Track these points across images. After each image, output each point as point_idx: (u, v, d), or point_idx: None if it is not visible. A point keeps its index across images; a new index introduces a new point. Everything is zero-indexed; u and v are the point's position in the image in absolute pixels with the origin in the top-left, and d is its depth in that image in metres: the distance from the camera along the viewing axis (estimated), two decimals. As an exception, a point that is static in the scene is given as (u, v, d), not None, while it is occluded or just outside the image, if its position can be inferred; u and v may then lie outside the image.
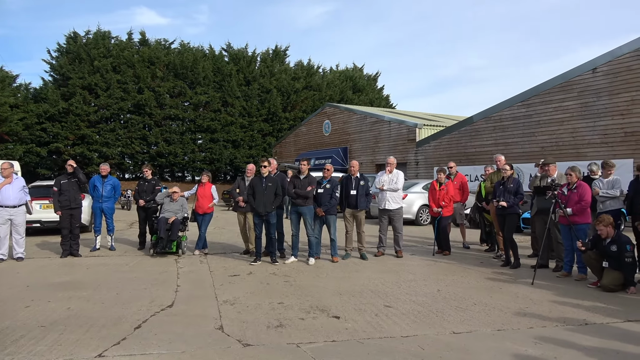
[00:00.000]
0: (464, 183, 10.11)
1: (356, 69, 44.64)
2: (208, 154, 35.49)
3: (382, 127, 24.26)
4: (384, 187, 8.83)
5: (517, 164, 15.33)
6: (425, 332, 4.51)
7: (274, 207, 8.01)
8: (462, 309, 5.34)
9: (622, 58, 14.35)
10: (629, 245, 6.19)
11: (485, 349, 4.06)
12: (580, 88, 15.40)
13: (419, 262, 8.46)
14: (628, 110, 14.17)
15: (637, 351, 4.02)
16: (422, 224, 14.73)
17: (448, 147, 20.33)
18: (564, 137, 15.88)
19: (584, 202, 6.93)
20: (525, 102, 17.16)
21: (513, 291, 6.20)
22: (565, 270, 7.21)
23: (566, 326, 4.72)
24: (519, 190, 7.77)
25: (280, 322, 4.78)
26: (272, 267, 7.77)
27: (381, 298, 5.80)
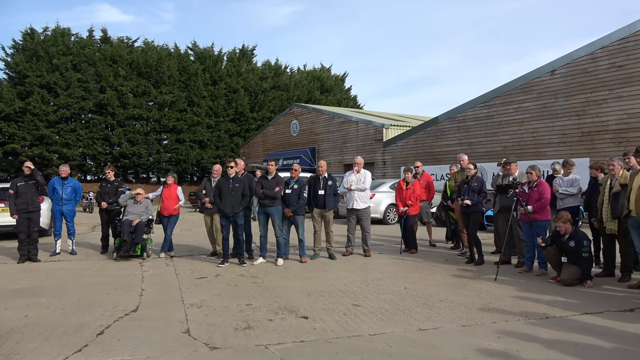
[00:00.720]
0: (430, 182, 10.29)
1: (324, 69, 44.81)
2: (174, 154, 34.85)
3: (350, 127, 24.43)
4: (352, 186, 8.88)
5: (481, 163, 15.73)
6: (393, 330, 4.56)
7: (241, 208, 7.94)
8: (429, 306, 5.43)
9: (578, 61, 14.94)
10: (586, 240, 6.44)
11: (451, 345, 4.14)
12: (540, 89, 15.94)
13: (387, 260, 8.55)
14: (584, 111, 14.76)
15: (594, 342, 4.19)
16: (390, 223, 14.90)
17: (414, 147, 20.66)
18: (524, 137, 16.39)
19: (544, 200, 7.17)
20: (487, 103, 17.62)
21: (477, 287, 6.35)
22: (527, 266, 7.44)
23: (528, 320, 4.87)
24: (482, 189, 7.97)
25: (248, 324, 4.74)
26: (240, 269, 7.69)
27: (349, 297, 5.83)
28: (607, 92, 14.19)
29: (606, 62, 14.24)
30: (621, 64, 13.88)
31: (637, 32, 13.54)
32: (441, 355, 3.91)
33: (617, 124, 13.98)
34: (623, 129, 13.84)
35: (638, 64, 13.51)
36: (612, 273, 6.95)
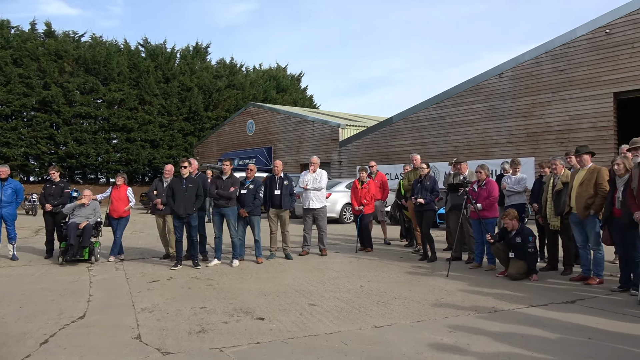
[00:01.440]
0: (384, 181, 10.45)
1: (280, 68, 44.65)
2: (124, 154, 33.67)
3: (306, 127, 24.46)
4: (308, 186, 8.89)
5: (433, 163, 16.16)
6: (349, 328, 4.60)
7: (195, 209, 7.77)
8: (384, 303, 5.52)
9: (524, 64, 15.62)
10: (531, 236, 6.74)
11: (405, 341, 4.22)
12: (488, 92, 16.55)
13: (343, 259, 8.62)
14: (529, 112, 15.45)
15: (539, 334, 4.39)
16: (346, 222, 15.04)
17: (370, 147, 20.94)
18: (474, 137, 16.97)
19: (492, 198, 7.45)
20: (440, 104, 18.12)
21: (430, 283, 6.51)
22: (477, 262, 7.70)
23: (477, 314, 5.04)
24: (435, 188, 8.18)
25: (202, 327, 4.64)
26: (194, 271, 7.53)
27: (306, 297, 5.83)
28: (551, 95, 14.92)
29: (549, 67, 14.97)
30: (563, 68, 14.63)
31: (577, 38, 14.32)
32: (395, 351, 3.98)
33: (560, 125, 14.73)
34: (565, 130, 14.60)
35: (578, 68, 14.29)
36: (555, 267, 7.31)
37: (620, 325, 4.58)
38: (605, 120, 13.80)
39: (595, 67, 13.93)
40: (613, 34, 13.56)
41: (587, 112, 14.14)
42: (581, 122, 14.26)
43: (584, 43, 14.18)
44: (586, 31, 14.13)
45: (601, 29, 13.79)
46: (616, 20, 13.52)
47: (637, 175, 5.39)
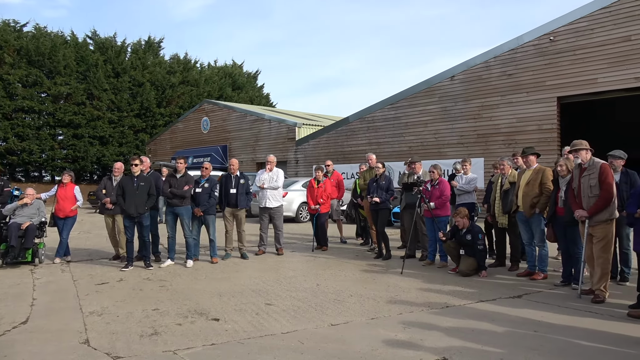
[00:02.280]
0: (340, 180, 10.53)
1: (236, 65, 44.05)
2: (70, 151, 32.18)
3: (263, 125, 24.28)
4: (265, 185, 8.83)
5: (388, 162, 16.45)
6: (305, 327, 4.60)
7: (147, 208, 7.54)
8: (340, 301, 5.56)
9: (474, 68, 16.17)
10: (481, 234, 6.99)
11: (360, 338, 4.27)
12: (441, 93, 17.02)
13: (299, 258, 8.62)
14: (479, 114, 16.03)
15: (488, 328, 4.55)
16: (302, 221, 15.05)
17: (326, 146, 21.05)
18: (427, 138, 17.41)
19: (444, 197, 7.67)
20: (395, 105, 18.46)
21: (385, 281, 6.63)
22: (429, 259, 7.91)
23: (430, 310, 5.17)
24: (390, 187, 8.33)
25: (155, 330, 4.51)
26: (146, 272, 7.31)
27: (262, 296, 5.79)
28: (499, 98, 15.53)
29: (498, 71, 15.57)
30: (511, 72, 15.27)
31: (524, 44, 14.98)
32: (351, 348, 4.02)
33: (507, 127, 15.36)
34: (512, 132, 15.24)
35: (525, 73, 14.95)
36: (503, 263, 7.61)
37: (563, 318, 4.83)
38: (549, 123, 14.52)
39: (541, 72, 14.62)
40: (557, 41, 14.28)
41: (532, 115, 14.82)
42: (527, 124, 14.93)
43: (531, 49, 14.86)
44: (532, 38, 14.81)
45: (546, 36, 14.49)
46: (560, 28, 14.24)
47: (578, 175, 5.70)
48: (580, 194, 5.61)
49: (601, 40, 13.44)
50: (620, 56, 13.14)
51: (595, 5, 13.61)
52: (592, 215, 5.45)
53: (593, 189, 5.46)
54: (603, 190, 5.39)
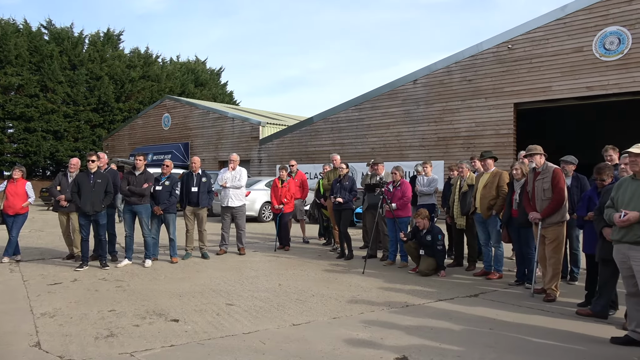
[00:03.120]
0: (304, 180, 10.54)
1: (199, 62, 43.32)
2: (22, 145, 30.71)
3: (226, 123, 23.98)
4: (227, 184, 8.73)
5: (352, 163, 16.55)
6: (267, 327, 4.58)
7: (103, 206, 7.30)
8: (302, 301, 5.57)
9: (436, 73, 16.55)
10: (440, 235, 7.16)
11: (322, 337, 4.29)
12: (404, 97, 17.32)
13: (261, 258, 8.57)
14: (440, 118, 16.41)
15: (446, 326, 4.67)
16: (265, 221, 14.96)
17: (290, 146, 21.01)
18: (390, 140, 17.68)
19: (406, 198, 7.82)
20: (358, 107, 18.65)
21: (347, 281, 6.68)
22: (390, 259, 8.03)
23: (391, 309, 5.25)
24: (353, 188, 8.41)
25: (111, 332, 4.37)
26: (102, 272, 7.08)
27: (223, 297, 5.72)
28: (459, 103, 15.95)
29: (459, 76, 16.00)
30: (471, 78, 15.72)
31: (484, 51, 15.45)
32: (313, 348, 4.03)
33: (467, 131, 15.80)
34: (471, 136, 15.69)
35: (484, 79, 15.43)
36: (460, 263, 7.83)
37: (517, 316, 5.02)
38: (506, 128, 15.03)
39: (499, 79, 15.12)
40: (515, 49, 14.80)
41: (490, 120, 15.31)
42: (485, 129, 15.41)
43: (490, 56, 15.34)
44: (491, 45, 15.29)
45: (504, 44, 15.00)
46: (517, 37, 14.77)
47: (532, 179, 5.93)
48: (534, 197, 5.84)
49: (555, 50, 14.04)
50: (572, 66, 13.76)
51: (550, 17, 14.21)
52: (544, 218, 5.68)
53: (546, 192, 5.70)
54: (555, 194, 5.63)
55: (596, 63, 13.38)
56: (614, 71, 13.10)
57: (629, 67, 12.86)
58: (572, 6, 13.83)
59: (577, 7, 13.71)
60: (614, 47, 13.07)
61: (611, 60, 13.14)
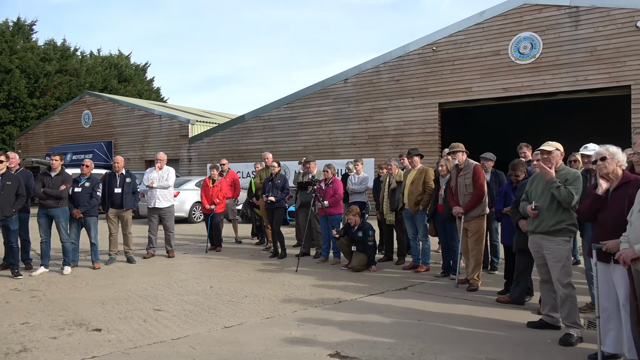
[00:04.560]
0: (235, 179, 10.37)
1: (122, 56, 41.19)
2: None
3: (152, 121, 23.02)
4: (154, 184, 8.38)
5: (284, 162, 16.53)
6: (198, 331, 4.44)
7: (14, 210, 6.71)
8: (234, 302, 5.46)
9: (366, 72, 16.94)
10: (371, 231, 7.33)
11: (255, 338, 4.23)
12: (335, 95, 17.56)
13: (192, 260, 8.32)
14: (370, 116, 16.82)
15: (377, 319, 4.78)
16: (195, 222, 14.55)
17: (221, 144, 20.59)
18: (322, 138, 17.86)
19: (338, 196, 7.92)
20: (290, 105, 18.65)
21: (280, 280, 6.65)
22: (323, 256, 8.11)
23: (324, 306, 5.29)
24: (285, 186, 8.38)
25: (24, 346, 4.03)
26: (14, 282, 6.52)
27: (150, 302, 5.47)
28: (388, 102, 16.44)
29: (387, 76, 16.48)
30: (398, 78, 16.25)
31: (410, 52, 16.03)
32: (245, 349, 3.97)
33: (395, 129, 16.32)
34: (399, 134, 16.23)
35: (410, 79, 16.01)
36: (391, 258, 8.06)
37: (443, 306, 5.25)
38: (432, 126, 15.71)
39: (424, 80, 15.76)
40: (439, 51, 15.50)
41: (417, 119, 15.93)
42: (412, 127, 16.01)
43: (415, 57, 15.94)
44: (417, 47, 15.91)
45: (429, 46, 15.66)
46: (441, 39, 15.47)
47: (455, 175, 6.23)
48: (457, 192, 6.14)
49: (475, 53, 14.87)
50: (490, 68, 14.64)
51: (470, 21, 15.03)
52: (466, 212, 5.99)
53: (468, 187, 6.01)
54: (476, 189, 5.96)
55: (512, 66, 14.33)
56: (527, 74, 14.10)
57: (540, 71, 13.90)
58: (489, 12, 14.71)
59: (494, 13, 14.62)
60: (527, 51, 14.06)
61: (525, 64, 14.13)
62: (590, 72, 13.22)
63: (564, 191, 4.10)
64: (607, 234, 3.51)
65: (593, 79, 13.23)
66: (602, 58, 13.04)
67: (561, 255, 4.18)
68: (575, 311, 4.15)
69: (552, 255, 4.21)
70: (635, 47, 12.60)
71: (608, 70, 12.98)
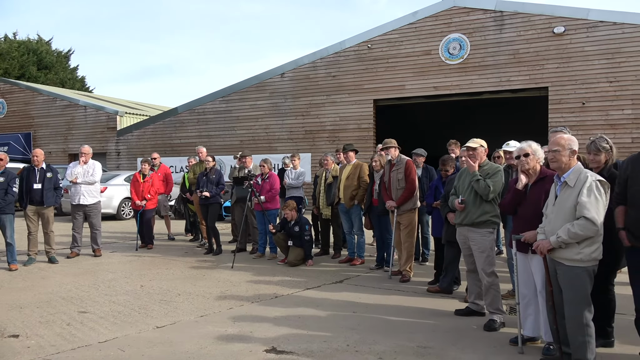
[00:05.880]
0: (168, 174, 10.01)
1: (42, 41, 38.30)
2: None
3: (77, 112, 21.66)
4: (78, 179, 7.90)
5: (219, 156, 16.19)
6: (127, 333, 4.26)
7: None
8: (166, 301, 5.29)
9: (303, 67, 16.94)
10: (308, 225, 7.37)
11: (189, 337, 4.12)
12: (272, 90, 17.43)
13: (121, 258, 7.95)
14: (307, 112, 16.87)
15: (314, 313, 4.83)
16: (125, 218, 13.90)
17: (153, 138, 19.81)
18: (259, 132, 17.68)
19: (274, 191, 7.89)
20: (226, 98, 18.29)
21: (215, 276, 6.52)
22: (260, 252, 8.05)
23: (260, 302, 5.26)
24: (220, 181, 8.22)
25: None
26: None
27: (74, 304, 5.17)
28: (325, 97, 16.56)
29: (324, 72, 16.60)
30: (335, 74, 16.41)
31: (346, 49, 16.24)
32: (178, 349, 3.85)
33: (332, 124, 16.49)
34: (336, 129, 16.42)
35: (346, 75, 16.22)
36: (327, 252, 8.16)
37: (377, 298, 5.40)
38: (367, 122, 16.03)
39: (360, 76, 16.04)
40: (374, 49, 15.82)
41: (353, 115, 16.19)
42: (348, 123, 16.25)
43: (351, 54, 16.18)
44: (353, 44, 16.14)
45: (364, 44, 15.94)
46: (376, 37, 15.80)
47: (388, 170, 6.41)
48: (390, 187, 6.32)
49: (408, 52, 15.34)
50: (422, 67, 15.17)
51: (403, 21, 15.47)
52: (399, 205, 6.19)
53: (400, 182, 6.21)
54: (407, 184, 6.16)
55: (442, 65, 14.93)
56: (456, 74, 14.76)
57: (468, 71, 14.60)
58: (421, 12, 15.23)
59: (425, 13, 15.15)
60: (456, 52, 14.71)
61: (454, 64, 14.78)
62: (513, 74, 14.08)
63: (483, 184, 4.38)
64: (526, 225, 3.76)
65: (515, 80, 14.09)
66: (523, 61, 13.92)
67: (485, 246, 4.43)
68: (498, 298, 4.42)
69: (477, 246, 4.45)
70: (552, 51, 13.57)
71: (528, 72, 13.89)
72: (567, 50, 13.39)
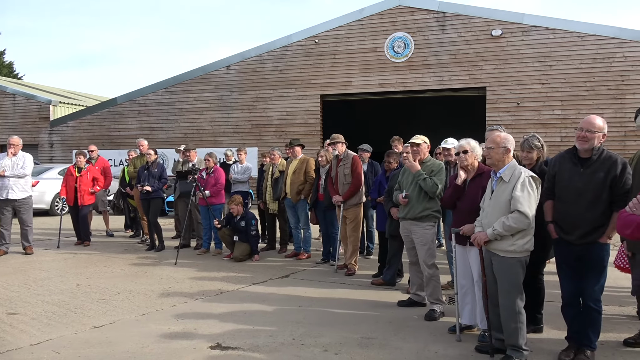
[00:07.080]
0: (106, 168, 9.58)
1: (-36, 24, 35.38)
2: None
3: (4, 100, 20.21)
4: (6, 172, 7.39)
5: (162, 149, 15.68)
6: (62, 334, 4.05)
7: None
8: (105, 300, 5.08)
9: (249, 60, 16.73)
10: (254, 220, 7.32)
11: (129, 337, 3.99)
12: (217, 82, 17.08)
13: (55, 256, 7.54)
14: (254, 105, 16.69)
15: (260, 308, 4.81)
16: (59, 214, 13.16)
17: (89, 129, 18.86)
18: (203, 126, 17.28)
19: (219, 185, 7.76)
20: (169, 89, 17.72)
21: (158, 273, 6.34)
22: (204, 247, 7.90)
23: (205, 298, 5.17)
24: (162, 175, 7.98)
25: None
26: None
27: (3, 306, 4.85)
28: (272, 91, 16.44)
29: (271, 65, 16.46)
30: (282, 68, 16.32)
31: (293, 43, 16.19)
32: (118, 349, 3.72)
33: (279, 119, 16.42)
34: (283, 124, 16.36)
35: (293, 70, 16.18)
36: (273, 247, 8.14)
37: (323, 291, 5.46)
38: (314, 118, 16.09)
39: (307, 71, 16.05)
40: (320, 44, 15.88)
41: (300, 110, 16.19)
42: (295, 117, 16.24)
43: (299, 49, 16.15)
44: (300, 38, 16.12)
45: (312, 39, 15.96)
46: (323, 33, 15.87)
47: (335, 165, 6.48)
48: (337, 182, 6.40)
49: (354, 49, 15.52)
50: (368, 64, 15.41)
51: (350, 17, 15.63)
52: (345, 200, 6.28)
53: (347, 177, 6.30)
54: (354, 179, 6.27)
55: (387, 63, 15.23)
56: (400, 71, 15.11)
57: (412, 69, 14.99)
58: (368, 10, 15.45)
59: (372, 11, 15.38)
60: (401, 50, 15.06)
61: (399, 62, 15.12)
62: (454, 73, 14.62)
63: (430, 182, 4.53)
64: (464, 219, 3.93)
65: (456, 80, 14.64)
66: (463, 61, 14.48)
67: (426, 239, 4.60)
68: (438, 289, 4.60)
69: (419, 239, 4.61)
70: (490, 53, 14.20)
71: (468, 72, 14.46)
72: (504, 52, 14.07)
